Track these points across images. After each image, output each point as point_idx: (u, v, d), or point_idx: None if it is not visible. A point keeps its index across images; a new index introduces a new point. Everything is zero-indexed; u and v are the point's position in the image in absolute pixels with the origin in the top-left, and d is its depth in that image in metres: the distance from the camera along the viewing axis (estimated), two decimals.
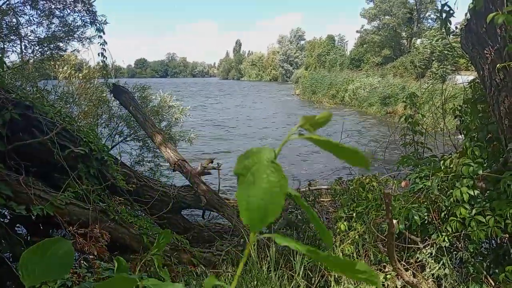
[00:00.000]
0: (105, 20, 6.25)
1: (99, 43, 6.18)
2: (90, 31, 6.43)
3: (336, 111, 30.58)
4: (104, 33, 6.20)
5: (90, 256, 3.28)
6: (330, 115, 0.48)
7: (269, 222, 0.44)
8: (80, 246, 3.33)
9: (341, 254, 3.59)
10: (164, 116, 9.16)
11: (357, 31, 46.71)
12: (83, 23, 6.38)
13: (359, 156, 0.47)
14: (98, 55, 6.21)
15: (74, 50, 7.29)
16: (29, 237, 4.11)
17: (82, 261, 3.12)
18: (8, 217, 3.95)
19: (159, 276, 2.90)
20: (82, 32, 6.53)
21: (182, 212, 5.90)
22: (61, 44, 6.68)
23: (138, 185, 5.08)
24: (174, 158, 5.88)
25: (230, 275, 3.69)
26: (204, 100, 41.77)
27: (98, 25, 6.20)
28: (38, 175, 3.99)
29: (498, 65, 2.91)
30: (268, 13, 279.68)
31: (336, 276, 3.41)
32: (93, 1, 6.22)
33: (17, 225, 4.14)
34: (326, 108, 33.03)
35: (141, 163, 8.47)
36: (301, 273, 3.30)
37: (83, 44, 6.62)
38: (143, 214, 4.98)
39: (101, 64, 6.44)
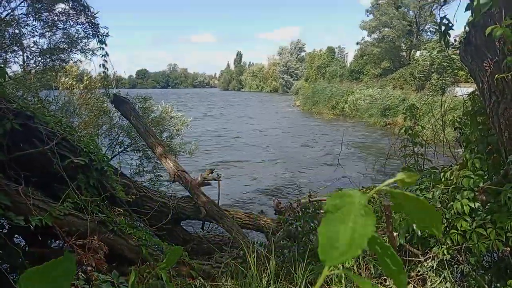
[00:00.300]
0: (107, 33, 6.31)
1: (101, 55, 6.24)
2: (93, 44, 6.47)
3: (336, 122, 30.66)
4: (106, 45, 6.25)
5: (88, 268, 3.25)
6: (417, 177, 0.53)
7: (345, 260, 0.46)
8: (78, 258, 3.30)
9: (341, 267, 3.56)
10: (165, 127, 9.19)
11: (357, 43, 47.13)
12: (86, 34, 6.43)
13: (436, 222, 0.54)
14: (100, 66, 6.25)
15: (76, 61, 7.35)
16: (27, 248, 4.08)
17: (80, 273, 3.09)
18: (7, 228, 3.93)
19: None
20: (85, 44, 6.58)
21: (181, 223, 5.87)
22: (63, 56, 6.73)
23: (138, 196, 5.06)
24: (174, 168, 5.87)
25: None
26: (206, 111, 41.91)
27: (100, 37, 6.26)
28: (38, 185, 3.98)
29: (496, 77, 2.93)
30: (268, 26, 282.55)
31: None
32: (96, 14, 6.29)
33: (15, 235, 4.11)
34: (326, 119, 33.12)
35: (141, 173, 8.46)
36: (302, 286, 3.27)
37: (86, 56, 6.67)
38: (142, 225, 4.95)
39: (102, 75, 6.47)
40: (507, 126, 3.03)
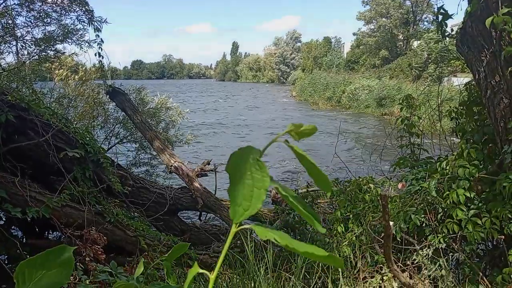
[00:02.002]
0: (105, 19, 6.16)
1: (97, 43, 6.12)
2: (89, 35, 6.33)
3: (332, 112, 30.68)
4: (101, 31, 6.12)
5: (86, 259, 3.26)
6: (315, 128, 0.53)
7: (250, 215, 0.50)
8: (76, 249, 3.31)
9: (338, 255, 3.59)
10: (162, 118, 9.15)
11: (353, 34, 46.89)
12: (80, 23, 6.29)
13: (325, 180, 0.54)
14: (95, 55, 6.15)
15: (72, 54, 7.21)
16: (24, 239, 4.09)
17: (78, 263, 3.10)
18: (3, 219, 3.93)
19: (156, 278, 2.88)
20: (80, 35, 6.44)
21: (179, 213, 5.89)
22: (58, 47, 6.61)
23: (134, 187, 5.06)
24: (170, 159, 5.86)
25: (227, 277, 3.68)
26: (206, 105, 41.72)
27: (96, 24, 6.13)
28: (34, 177, 3.97)
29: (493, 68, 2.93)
30: (265, 16, 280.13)
31: (333, 278, 3.41)
32: None
33: (13, 227, 4.11)
34: (322, 109, 33.11)
35: (137, 164, 8.45)
36: (301, 276, 3.31)
37: (81, 47, 6.53)
38: (140, 216, 4.97)
39: (97, 65, 6.39)
40: (503, 116, 3.05)
